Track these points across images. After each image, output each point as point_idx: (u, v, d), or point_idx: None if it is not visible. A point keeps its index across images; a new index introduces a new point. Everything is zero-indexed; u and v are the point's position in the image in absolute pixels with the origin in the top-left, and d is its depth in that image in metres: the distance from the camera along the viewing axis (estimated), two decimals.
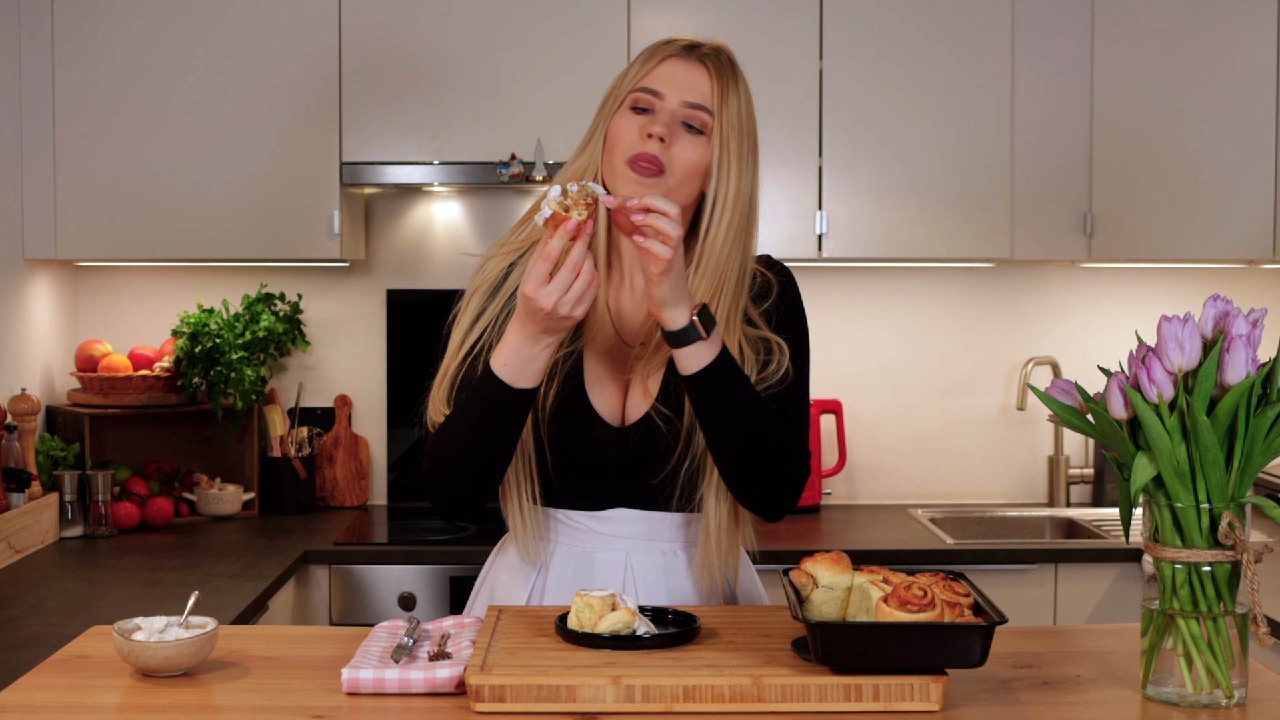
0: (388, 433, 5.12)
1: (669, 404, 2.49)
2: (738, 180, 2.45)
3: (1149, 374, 1.97)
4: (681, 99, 2.43)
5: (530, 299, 2.22)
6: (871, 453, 5.19)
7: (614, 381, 2.53)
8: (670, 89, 2.43)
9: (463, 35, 4.58)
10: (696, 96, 2.43)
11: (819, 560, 2.17)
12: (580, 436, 2.49)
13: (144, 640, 2.15)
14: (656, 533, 2.55)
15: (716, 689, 1.95)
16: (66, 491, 4.43)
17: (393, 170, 4.58)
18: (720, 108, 2.43)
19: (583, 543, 2.55)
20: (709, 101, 2.43)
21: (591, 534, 2.55)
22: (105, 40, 4.57)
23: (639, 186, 2.38)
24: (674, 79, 2.44)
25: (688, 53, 2.47)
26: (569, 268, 2.20)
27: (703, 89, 2.43)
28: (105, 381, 4.71)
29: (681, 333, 2.28)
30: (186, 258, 4.65)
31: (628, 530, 2.55)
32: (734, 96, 2.45)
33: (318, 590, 4.35)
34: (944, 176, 4.65)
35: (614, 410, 2.52)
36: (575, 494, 2.54)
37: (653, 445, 2.49)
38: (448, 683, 2.06)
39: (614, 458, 2.50)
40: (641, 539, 2.55)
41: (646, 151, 2.39)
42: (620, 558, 2.55)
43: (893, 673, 1.95)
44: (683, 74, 2.44)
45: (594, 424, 2.49)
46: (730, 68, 2.47)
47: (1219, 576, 2.00)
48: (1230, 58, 4.64)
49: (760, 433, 2.37)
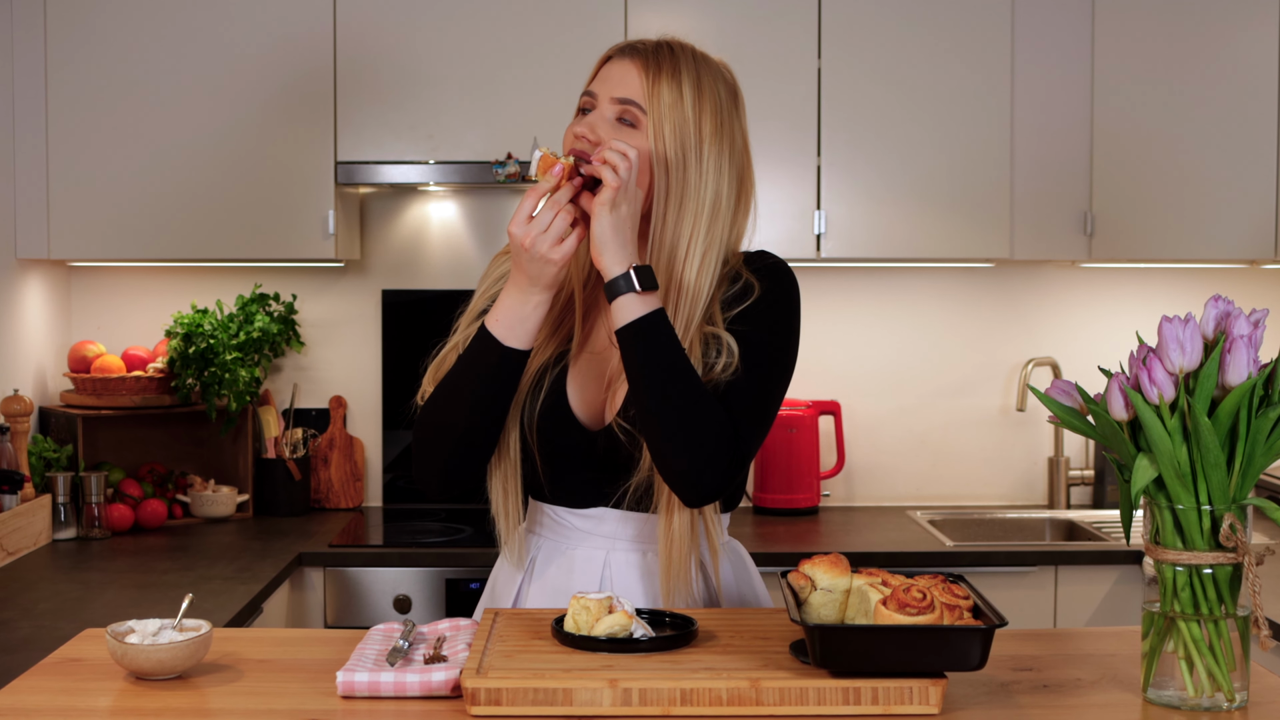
0: (383, 434, 5.12)
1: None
2: (683, 170, 2.45)
3: (1150, 375, 1.97)
4: (610, 96, 2.46)
5: (513, 235, 2.34)
6: (870, 454, 5.19)
7: (595, 386, 2.55)
8: (602, 89, 2.48)
9: (458, 34, 4.58)
10: (625, 92, 2.46)
11: (817, 562, 2.17)
12: (555, 437, 2.53)
13: (137, 643, 2.15)
14: (637, 534, 2.57)
15: (714, 692, 1.95)
16: (59, 493, 4.43)
17: (388, 170, 4.58)
18: (651, 100, 2.44)
19: (566, 539, 2.59)
20: (639, 96, 2.45)
21: (575, 531, 2.58)
22: (98, 39, 4.57)
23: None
24: (607, 79, 2.49)
25: (624, 51, 2.50)
26: (550, 205, 2.31)
27: (632, 84, 2.46)
28: (98, 382, 4.70)
29: (614, 282, 2.33)
30: (180, 258, 4.65)
31: (609, 529, 2.57)
32: (668, 88, 2.45)
33: (312, 593, 4.34)
34: (943, 176, 4.65)
35: (593, 414, 2.54)
36: (560, 490, 2.58)
37: (622, 450, 2.49)
38: (443, 686, 2.06)
39: (588, 460, 2.53)
40: (622, 539, 2.57)
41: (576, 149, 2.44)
42: (600, 555, 2.57)
43: (891, 676, 1.95)
44: (615, 72, 2.48)
45: (569, 426, 2.52)
46: (668, 59, 2.48)
47: (1220, 579, 2.00)
48: (1232, 55, 4.64)
49: (684, 402, 2.32)
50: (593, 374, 2.55)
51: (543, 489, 2.59)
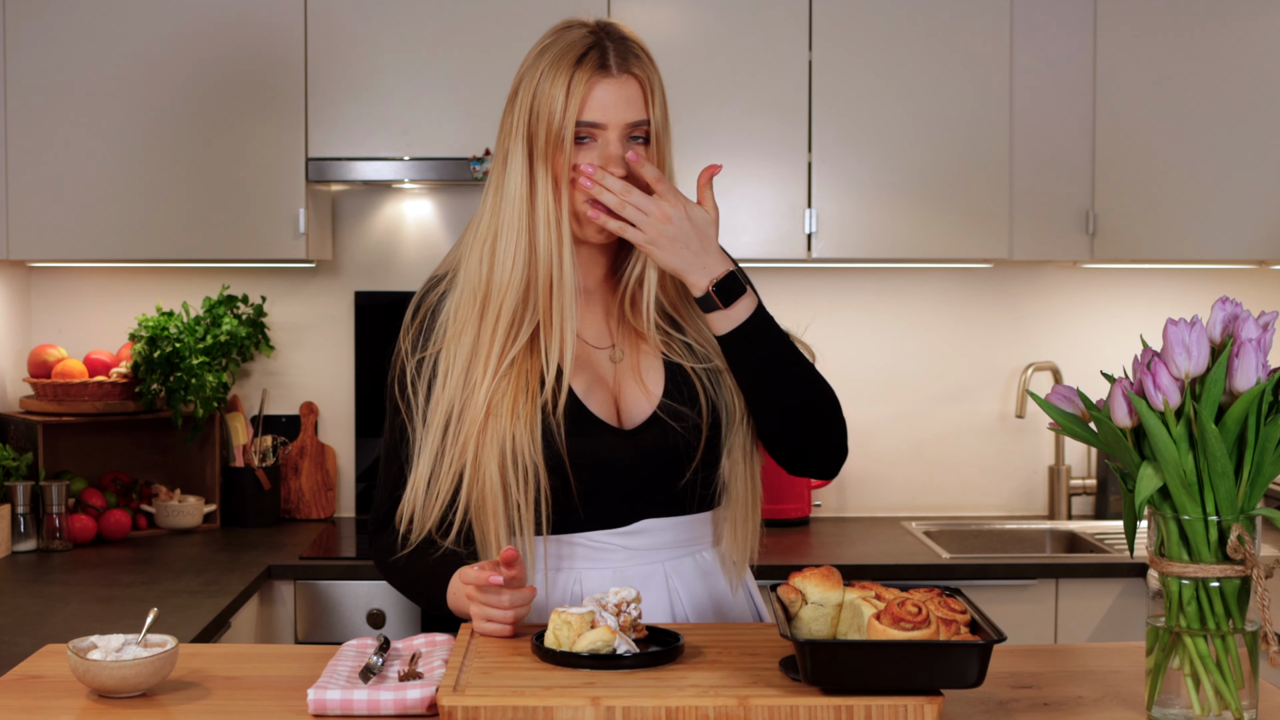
0: (356, 442, 5.11)
1: (679, 398, 2.53)
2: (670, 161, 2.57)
3: (1154, 380, 1.97)
4: (624, 123, 2.47)
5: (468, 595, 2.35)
6: (863, 463, 5.19)
7: (600, 388, 2.55)
8: (609, 117, 2.46)
9: (434, 25, 4.58)
10: (635, 114, 2.48)
11: (808, 575, 2.17)
12: (588, 447, 2.50)
13: (100, 659, 2.14)
14: (685, 538, 2.58)
15: (701, 710, 1.95)
16: (19, 503, 4.42)
17: (361, 166, 4.58)
18: (651, 110, 2.50)
19: (612, 563, 2.55)
20: (647, 111, 2.49)
21: (622, 552, 2.55)
22: (57, 30, 4.56)
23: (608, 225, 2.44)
24: (608, 104, 2.46)
25: (608, 67, 2.48)
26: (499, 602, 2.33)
27: (638, 103, 2.48)
28: (59, 388, 4.70)
29: (702, 300, 2.44)
30: (145, 258, 4.64)
31: (657, 540, 2.56)
32: (658, 92, 2.52)
33: (282, 607, 4.34)
34: (940, 173, 4.65)
35: (610, 416, 2.54)
36: (597, 513, 2.54)
37: (669, 445, 2.52)
38: (419, 704, 2.06)
39: (628, 464, 2.51)
40: (674, 547, 2.57)
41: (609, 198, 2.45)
42: (658, 570, 2.56)
43: (885, 693, 1.95)
44: (615, 96, 2.46)
45: (600, 431, 2.51)
46: (646, 58, 2.53)
47: (1228, 592, 2.00)
48: (1240, 49, 4.65)
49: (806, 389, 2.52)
50: (590, 376, 2.55)
51: (576, 514, 2.52)
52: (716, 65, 4.59)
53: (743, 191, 4.62)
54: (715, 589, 2.60)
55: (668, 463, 2.52)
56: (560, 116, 2.44)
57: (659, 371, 2.55)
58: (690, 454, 2.52)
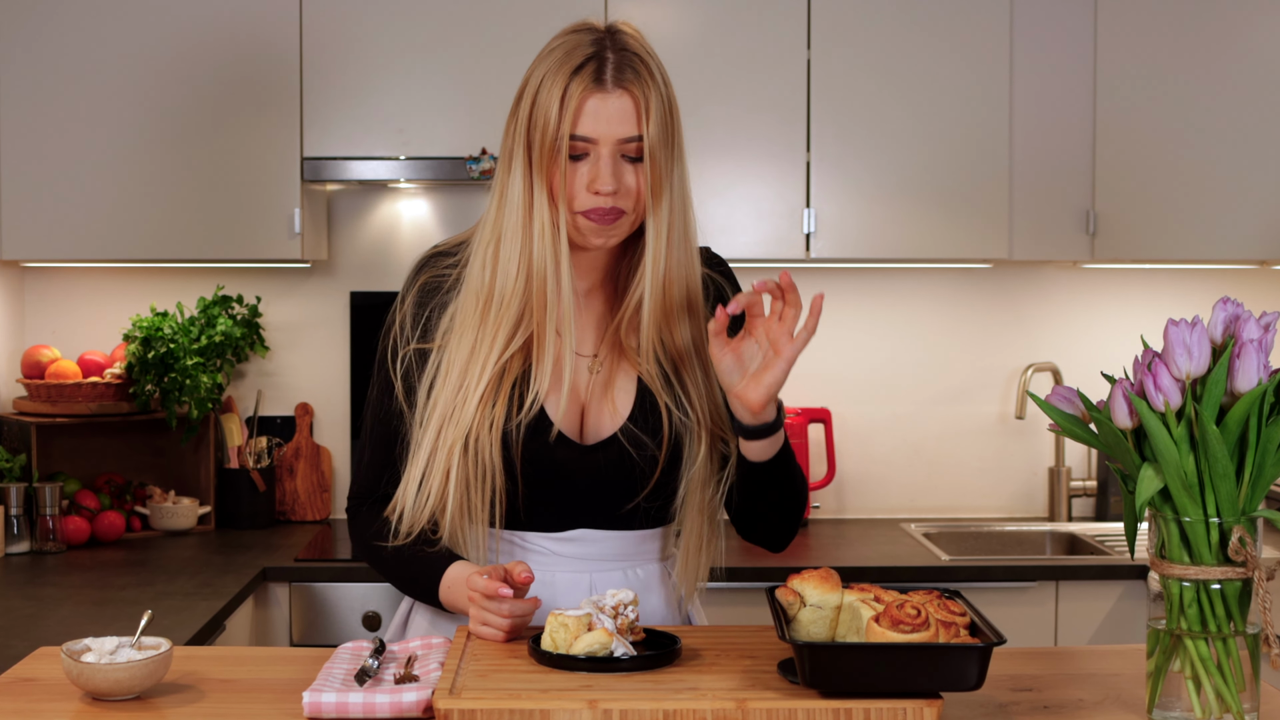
0: (351, 443, 5.11)
1: (643, 425, 2.53)
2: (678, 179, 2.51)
3: (1155, 381, 1.97)
4: (615, 138, 2.43)
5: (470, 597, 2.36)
6: (862, 464, 5.19)
7: (571, 398, 2.55)
8: (600, 131, 2.43)
9: (431, 24, 4.58)
10: (627, 130, 2.43)
11: (806, 578, 2.17)
12: (542, 455, 2.51)
13: (94, 662, 2.14)
14: (621, 552, 2.59)
15: (699, 713, 1.95)
16: (12, 505, 4.42)
17: (356, 166, 4.58)
18: (645, 126, 2.44)
19: (541, 566, 2.56)
20: (640, 128, 2.44)
21: (552, 556, 2.57)
22: (50, 27, 4.55)
23: (604, 232, 2.45)
24: (600, 118, 2.43)
25: (603, 80, 2.44)
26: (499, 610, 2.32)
27: (630, 118, 2.44)
28: (53, 389, 4.69)
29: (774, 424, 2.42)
30: (139, 258, 4.64)
31: (590, 551, 2.57)
32: (656, 105, 2.45)
33: (277, 609, 4.34)
34: (939, 172, 4.65)
35: (572, 427, 2.54)
36: (537, 516, 2.56)
37: (623, 468, 2.52)
38: (415, 707, 2.05)
39: (578, 479, 2.53)
40: (604, 559, 2.58)
41: (600, 206, 2.43)
42: (584, 579, 2.57)
43: (884, 696, 1.95)
44: (608, 110, 2.43)
45: (557, 443, 2.51)
46: (646, 72, 2.47)
47: (1229, 595, 2.00)
48: (1241, 47, 4.65)
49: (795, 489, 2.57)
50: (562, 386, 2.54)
51: (518, 514, 2.55)
52: (715, 64, 4.59)
53: (741, 191, 4.62)
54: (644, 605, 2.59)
55: (617, 486, 2.53)
56: (555, 128, 2.43)
57: (630, 393, 2.55)
58: (643, 482, 2.53)
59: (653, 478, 2.52)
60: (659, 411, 2.52)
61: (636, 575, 2.60)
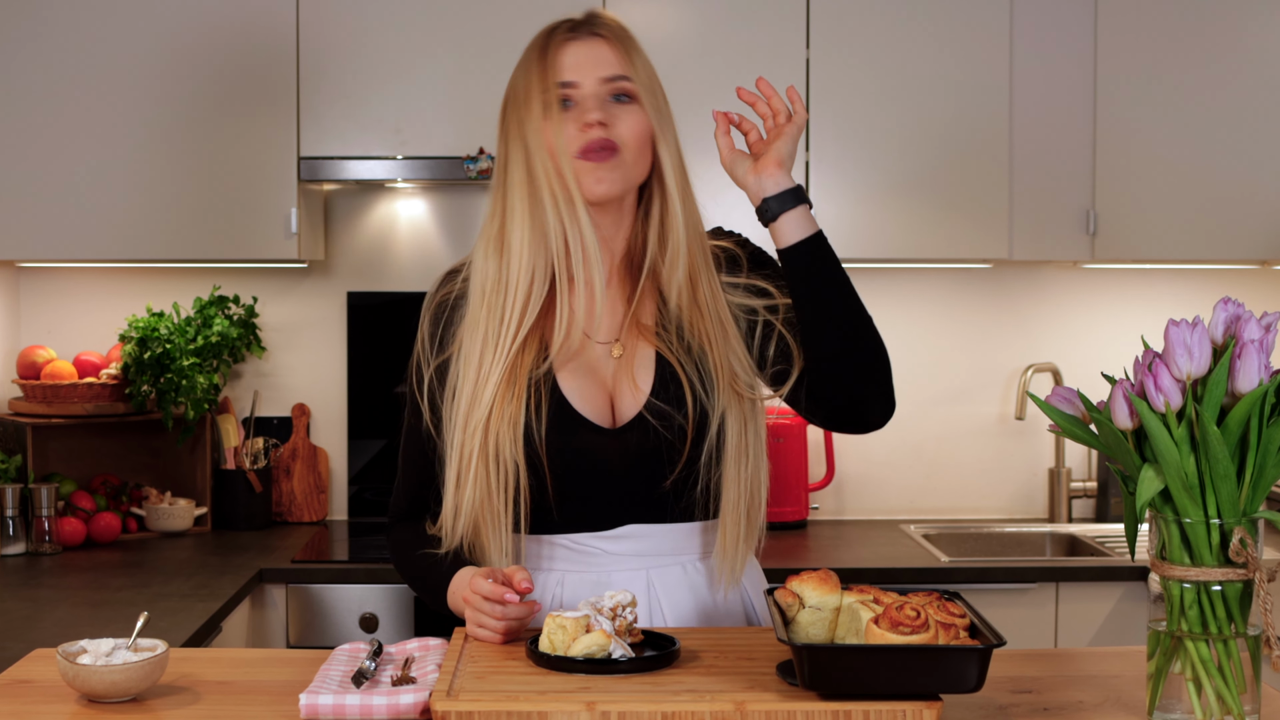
0: (348, 444, 5.11)
1: (665, 398, 2.51)
2: (674, 137, 2.58)
3: (1156, 381, 1.97)
4: (598, 77, 2.48)
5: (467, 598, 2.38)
6: (861, 465, 5.19)
7: (596, 385, 2.54)
8: (582, 73, 2.48)
9: (428, 22, 4.58)
10: (610, 69, 2.49)
11: (805, 579, 2.17)
12: (568, 446, 2.49)
13: (90, 664, 2.14)
14: (674, 546, 2.56)
15: (698, 715, 1.95)
16: (8, 506, 4.42)
17: (353, 165, 4.57)
18: (633, 71, 2.50)
19: (596, 566, 2.54)
20: (624, 69, 2.50)
21: (605, 556, 2.55)
22: (44, 24, 4.55)
23: (599, 171, 2.46)
24: (580, 62, 2.49)
25: (578, 31, 2.52)
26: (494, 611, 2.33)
27: (611, 60, 2.50)
28: (48, 389, 4.69)
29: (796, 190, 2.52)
30: (135, 258, 4.63)
31: (643, 547, 2.55)
32: (639, 56, 2.53)
33: (274, 611, 4.34)
34: (938, 172, 4.65)
35: (603, 414, 2.53)
36: (578, 514, 2.54)
37: (651, 446, 2.50)
38: (412, 709, 2.06)
39: (611, 465, 2.51)
40: (660, 554, 2.56)
41: (593, 140, 2.45)
42: (640, 576, 2.55)
43: (884, 698, 1.95)
44: (585, 53, 2.50)
45: (581, 428, 2.50)
46: (624, 32, 2.55)
47: (1230, 596, 2.00)
48: (1242, 46, 4.65)
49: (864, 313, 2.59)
50: (584, 374, 2.54)
51: (551, 515, 2.53)
52: (713, 63, 4.59)
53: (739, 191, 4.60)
54: (701, 601, 2.57)
55: (650, 464, 2.51)
56: (539, 86, 2.47)
57: (650, 369, 2.54)
58: (674, 457, 2.51)
59: (684, 452, 2.50)
60: (680, 381, 2.51)
61: (697, 569, 2.58)
